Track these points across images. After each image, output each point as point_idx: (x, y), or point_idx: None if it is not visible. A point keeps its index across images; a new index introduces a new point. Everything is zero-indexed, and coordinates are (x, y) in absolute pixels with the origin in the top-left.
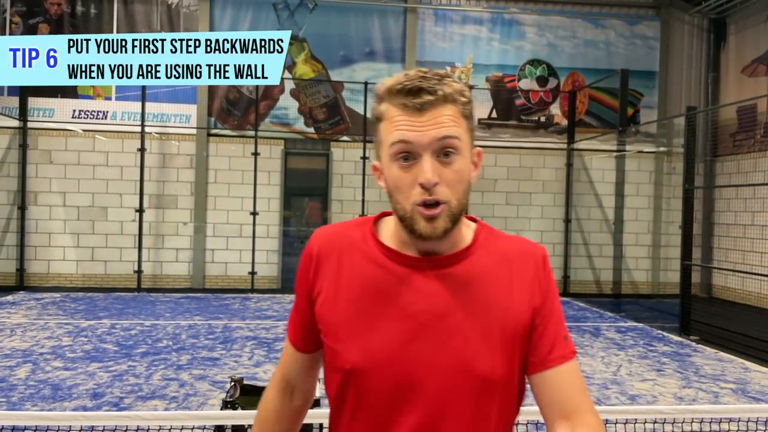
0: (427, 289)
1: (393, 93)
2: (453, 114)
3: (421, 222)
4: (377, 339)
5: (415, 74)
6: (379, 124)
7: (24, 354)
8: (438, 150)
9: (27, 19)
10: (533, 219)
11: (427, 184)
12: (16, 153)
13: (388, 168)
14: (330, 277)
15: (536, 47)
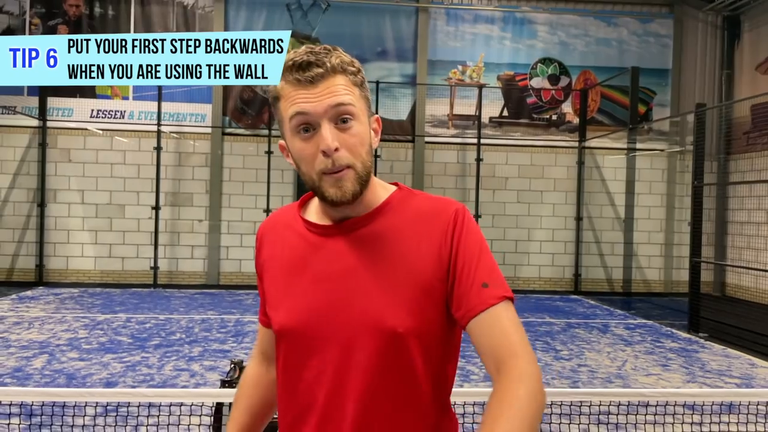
0: (337, 252)
1: (285, 71)
2: (344, 83)
3: (329, 189)
4: (295, 301)
5: (304, 50)
6: (278, 104)
7: (41, 345)
8: (334, 117)
9: (46, 21)
10: (544, 217)
11: (328, 150)
12: (35, 152)
13: (291, 142)
14: (269, 254)
15: (548, 46)
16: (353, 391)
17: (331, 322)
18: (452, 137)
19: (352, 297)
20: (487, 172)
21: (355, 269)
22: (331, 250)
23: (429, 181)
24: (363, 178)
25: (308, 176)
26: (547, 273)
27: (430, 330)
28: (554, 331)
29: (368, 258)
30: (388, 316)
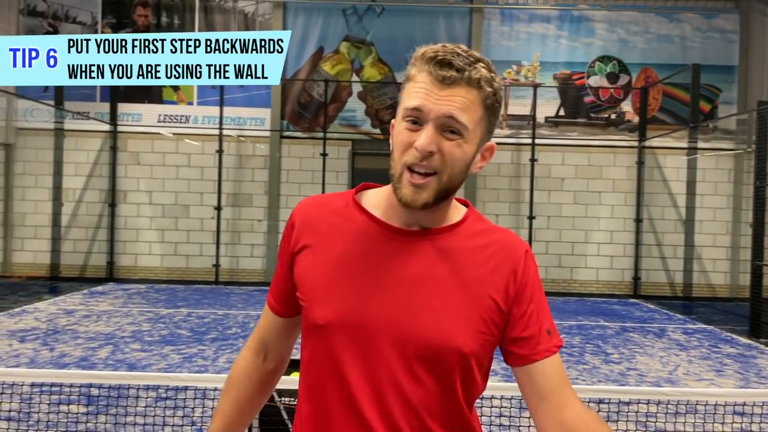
0: (411, 258)
1: (425, 59)
2: (471, 99)
3: (405, 187)
4: (350, 298)
5: (452, 49)
6: (406, 84)
7: (107, 337)
8: (443, 125)
9: (116, 30)
10: (603, 219)
11: (420, 150)
12: (107, 155)
13: (398, 125)
14: (311, 240)
15: (606, 43)
16: (403, 400)
17: (393, 329)
18: (506, 137)
19: (422, 308)
20: (542, 172)
21: (428, 280)
22: (404, 254)
23: (482, 182)
24: (442, 192)
25: (395, 164)
26: (606, 276)
27: (484, 356)
28: (607, 334)
29: (443, 271)
30: (457, 334)
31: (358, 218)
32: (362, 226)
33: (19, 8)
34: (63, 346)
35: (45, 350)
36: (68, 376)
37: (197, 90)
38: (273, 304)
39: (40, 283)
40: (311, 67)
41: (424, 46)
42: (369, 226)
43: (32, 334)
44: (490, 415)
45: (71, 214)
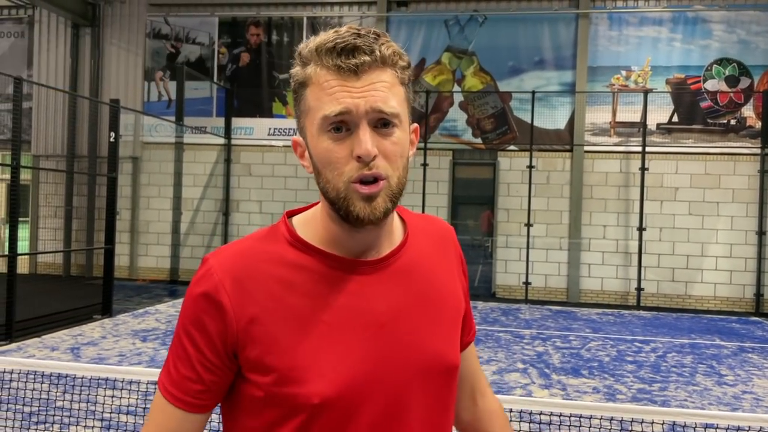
0: (379, 290)
1: (323, 53)
2: (391, 80)
3: (358, 203)
4: (337, 360)
5: (347, 30)
6: (303, 91)
7: None
8: (375, 119)
9: (231, 49)
10: (721, 231)
11: (365, 156)
12: (222, 166)
13: (317, 141)
14: (258, 306)
15: (725, 45)
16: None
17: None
18: (615, 146)
19: (410, 338)
20: (653, 182)
21: (404, 308)
22: (369, 288)
23: (588, 192)
24: (396, 195)
25: (332, 185)
26: (724, 292)
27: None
28: (723, 354)
29: (413, 293)
30: (448, 351)
31: (306, 262)
32: (314, 270)
33: (146, 32)
34: None
35: (163, 349)
36: None
37: None
38: (192, 401)
39: (161, 286)
40: (413, 79)
41: (307, 41)
42: (322, 268)
43: (153, 334)
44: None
45: (189, 222)
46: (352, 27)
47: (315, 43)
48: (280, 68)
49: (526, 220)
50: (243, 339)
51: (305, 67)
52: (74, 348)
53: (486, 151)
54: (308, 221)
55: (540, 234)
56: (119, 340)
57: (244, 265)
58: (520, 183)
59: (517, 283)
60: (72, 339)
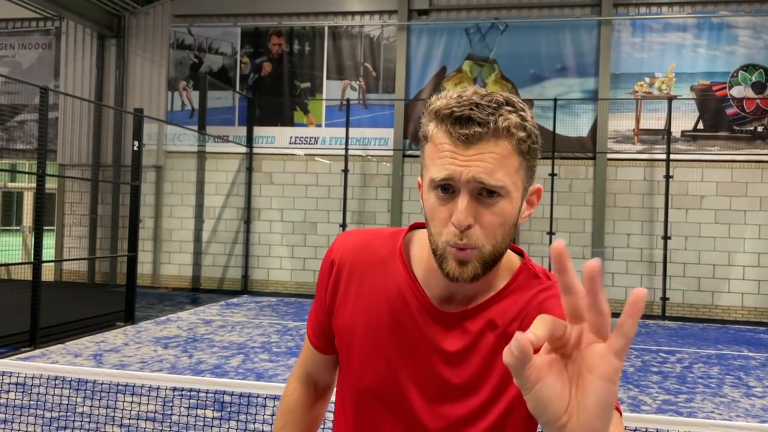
0: (446, 338)
1: (441, 116)
2: (503, 152)
3: (450, 262)
4: (387, 372)
5: (469, 98)
6: (425, 144)
7: (239, 347)
8: (476, 189)
9: (254, 59)
10: (748, 239)
11: (458, 225)
12: (243, 175)
13: (427, 194)
14: (348, 294)
15: (751, 51)
16: None
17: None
18: (638, 153)
19: (463, 395)
20: (678, 189)
21: (465, 360)
22: (439, 335)
23: (612, 200)
24: (488, 263)
25: (433, 239)
26: (752, 302)
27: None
28: (751, 366)
29: (481, 349)
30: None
31: (400, 278)
32: (402, 290)
33: (170, 42)
34: (200, 354)
35: (184, 357)
36: (200, 382)
37: (325, 112)
38: (314, 341)
39: (184, 294)
40: (434, 87)
41: (435, 98)
42: (408, 294)
43: (174, 342)
44: None
45: (211, 230)
46: (477, 93)
47: (438, 104)
48: (302, 77)
49: (548, 229)
50: (332, 310)
51: (428, 124)
52: (97, 354)
53: None
54: (422, 245)
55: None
56: (141, 347)
57: (357, 255)
58: (542, 191)
59: None
60: (95, 345)
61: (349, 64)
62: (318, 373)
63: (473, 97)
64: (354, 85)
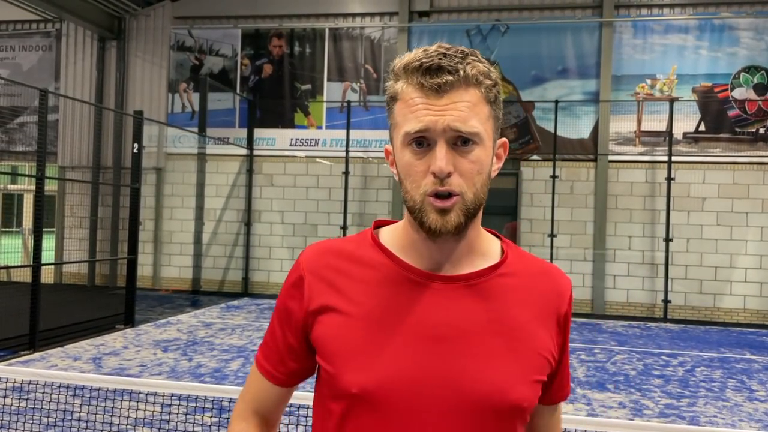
0: (447, 305)
1: (410, 70)
2: (475, 99)
3: (431, 214)
4: (388, 359)
5: (435, 50)
6: (393, 105)
7: (239, 350)
8: (453, 138)
9: (254, 61)
10: (750, 242)
11: (439, 173)
12: (244, 177)
13: (400, 153)
14: (331, 297)
15: (753, 53)
16: None
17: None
18: (640, 155)
19: (468, 363)
20: (680, 191)
21: (472, 330)
22: (440, 300)
23: (613, 202)
24: (470, 210)
25: (410, 196)
26: (754, 304)
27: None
28: (753, 369)
29: (489, 319)
30: (512, 388)
31: (381, 263)
32: (388, 272)
33: (170, 44)
34: (200, 357)
35: (184, 360)
36: (198, 389)
37: (326, 114)
38: (273, 372)
39: (184, 296)
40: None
41: (401, 57)
42: (395, 272)
43: (174, 345)
44: None
45: (212, 233)
46: (442, 45)
47: (404, 60)
48: (303, 79)
49: (549, 231)
50: (312, 323)
51: (396, 83)
52: (96, 358)
53: (509, 161)
54: (392, 229)
55: (564, 245)
56: (141, 350)
57: (326, 261)
58: (543, 193)
59: None
60: (94, 349)
61: (349, 65)
62: (271, 411)
63: (439, 49)
64: (355, 86)
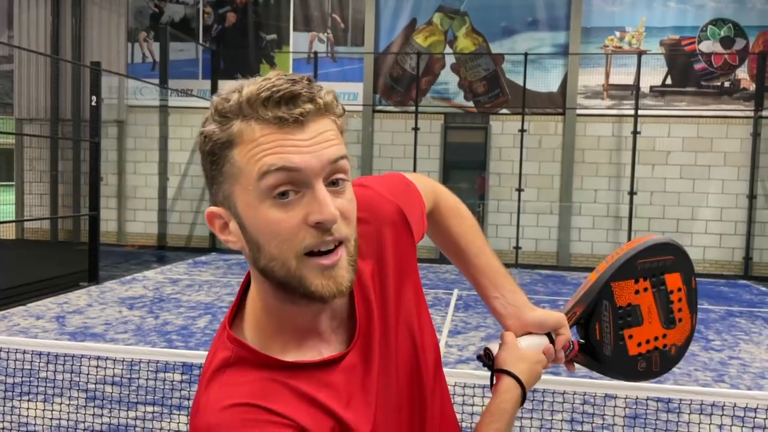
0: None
1: (258, 103)
2: (335, 131)
3: (316, 280)
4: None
5: (277, 77)
6: (228, 152)
7: (206, 307)
8: (328, 176)
9: (217, 9)
10: (711, 194)
11: (331, 220)
12: None
13: (255, 211)
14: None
15: (720, 5)
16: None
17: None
18: (607, 109)
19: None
20: (645, 145)
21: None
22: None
23: (580, 156)
24: (355, 261)
25: (280, 262)
26: (713, 255)
27: None
28: (710, 319)
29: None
30: (431, 337)
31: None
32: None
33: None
34: (167, 314)
35: (150, 318)
36: (164, 354)
37: (292, 65)
38: None
39: (150, 253)
40: (404, 40)
41: (223, 94)
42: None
43: (140, 302)
44: (573, 402)
45: (177, 187)
46: (281, 73)
47: (243, 95)
48: (268, 29)
49: (517, 185)
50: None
51: (228, 124)
52: (59, 317)
53: (478, 114)
54: (254, 328)
55: (531, 199)
56: (105, 308)
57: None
58: (511, 147)
59: (507, 248)
60: (58, 307)
61: (316, 14)
62: None
63: (283, 76)
64: (322, 37)
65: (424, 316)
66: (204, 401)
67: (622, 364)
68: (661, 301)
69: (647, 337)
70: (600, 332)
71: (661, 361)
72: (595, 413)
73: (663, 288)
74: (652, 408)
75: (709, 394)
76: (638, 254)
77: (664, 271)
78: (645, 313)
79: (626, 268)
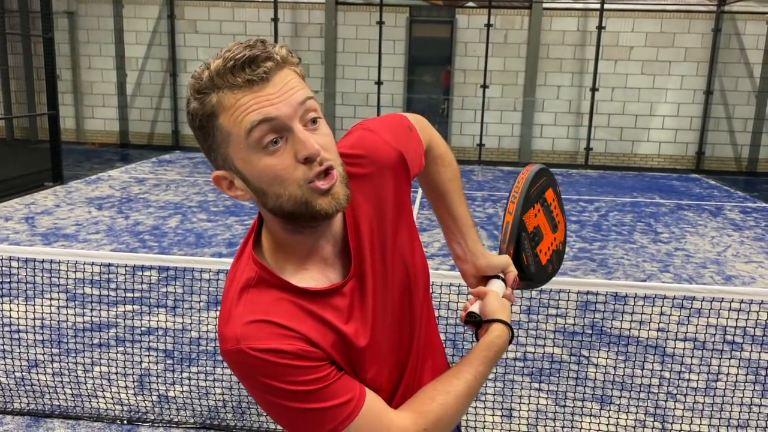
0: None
1: (226, 74)
2: (297, 78)
3: (320, 201)
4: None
5: (237, 46)
6: (215, 122)
7: (175, 206)
8: (303, 117)
9: None
10: (670, 90)
11: (313, 154)
12: (165, 23)
13: (252, 163)
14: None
15: None
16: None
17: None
18: (572, 3)
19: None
20: (609, 40)
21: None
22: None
23: (545, 51)
24: (346, 179)
25: (286, 197)
26: (668, 150)
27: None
28: (661, 212)
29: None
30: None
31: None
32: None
33: None
34: (137, 215)
35: (120, 218)
36: (142, 259)
37: None
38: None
39: (112, 151)
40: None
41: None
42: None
43: (108, 202)
44: (531, 297)
45: (135, 83)
46: (237, 42)
47: (212, 70)
48: None
49: (482, 82)
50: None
51: (207, 98)
52: (28, 217)
53: (444, 8)
54: (270, 252)
55: (495, 95)
56: (74, 209)
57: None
58: (477, 42)
59: (471, 145)
60: (25, 208)
61: None
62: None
63: (239, 45)
64: None
65: (417, 249)
66: (233, 314)
67: (541, 274)
68: (547, 214)
69: (548, 246)
70: (525, 258)
71: (557, 258)
72: (550, 305)
73: (546, 204)
74: (602, 298)
75: (652, 288)
76: (530, 185)
77: (544, 191)
78: (543, 229)
79: (527, 201)
